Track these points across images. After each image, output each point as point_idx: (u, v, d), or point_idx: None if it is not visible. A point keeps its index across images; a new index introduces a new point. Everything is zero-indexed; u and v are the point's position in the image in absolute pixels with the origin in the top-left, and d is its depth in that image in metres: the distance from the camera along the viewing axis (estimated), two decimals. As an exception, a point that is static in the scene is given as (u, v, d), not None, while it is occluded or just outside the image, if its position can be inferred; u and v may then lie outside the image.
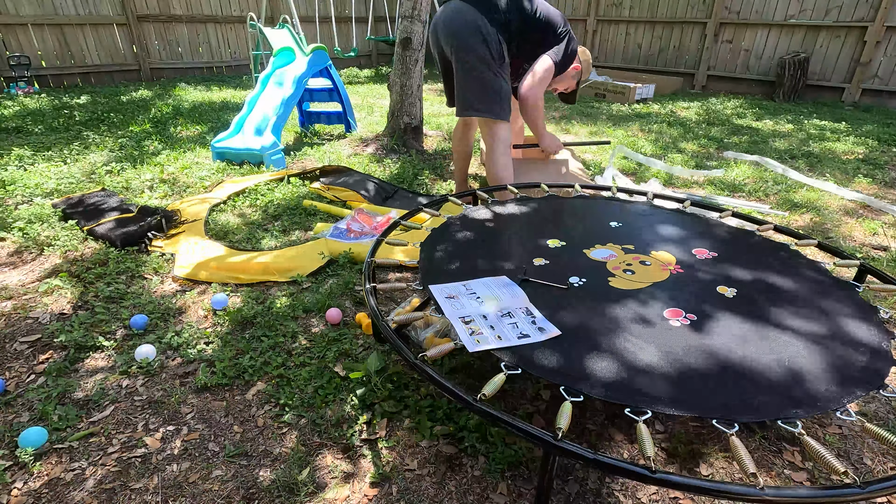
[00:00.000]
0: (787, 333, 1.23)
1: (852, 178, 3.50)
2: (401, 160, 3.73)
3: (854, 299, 1.38)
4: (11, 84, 5.65)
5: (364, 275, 1.47)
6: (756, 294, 1.39)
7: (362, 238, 2.45)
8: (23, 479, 1.25)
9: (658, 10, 7.31)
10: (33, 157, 3.50)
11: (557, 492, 1.24)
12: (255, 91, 3.99)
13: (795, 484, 1.27)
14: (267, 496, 1.21)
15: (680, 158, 3.89)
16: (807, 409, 0.99)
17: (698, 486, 0.86)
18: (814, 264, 1.57)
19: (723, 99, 6.34)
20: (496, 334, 1.20)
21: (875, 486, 0.83)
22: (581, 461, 0.88)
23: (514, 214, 1.93)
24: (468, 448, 1.34)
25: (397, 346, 1.17)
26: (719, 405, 1.00)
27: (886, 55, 5.74)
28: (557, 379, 1.06)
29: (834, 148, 4.22)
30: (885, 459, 1.37)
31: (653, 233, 1.79)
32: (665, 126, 4.90)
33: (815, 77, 6.22)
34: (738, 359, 1.14)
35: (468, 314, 1.28)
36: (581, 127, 4.88)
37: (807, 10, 6.14)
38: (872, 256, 2.44)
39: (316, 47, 4.09)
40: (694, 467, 1.32)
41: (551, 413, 1.45)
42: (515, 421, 0.94)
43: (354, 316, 1.91)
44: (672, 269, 1.52)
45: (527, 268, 1.50)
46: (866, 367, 1.11)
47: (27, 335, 1.77)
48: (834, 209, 2.98)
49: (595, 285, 1.43)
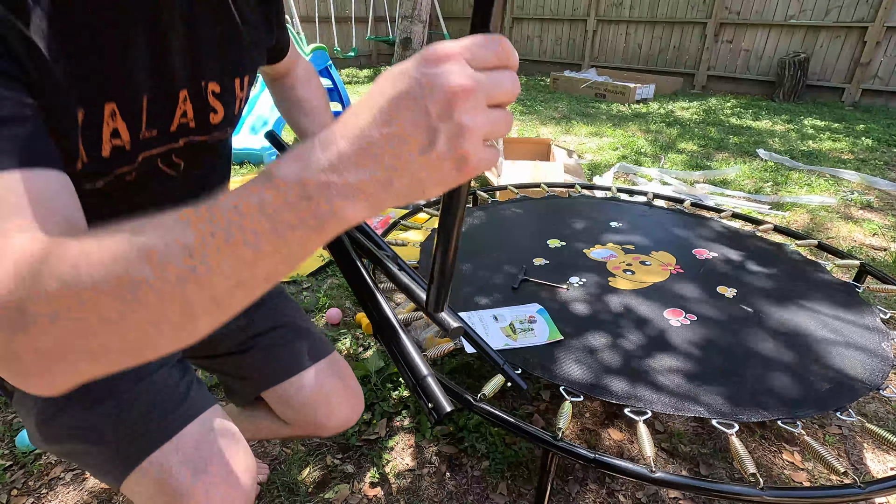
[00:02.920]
0: (787, 333, 1.23)
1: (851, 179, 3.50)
2: (401, 160, 3.72)
3: (854, 299, 1.38)
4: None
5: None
6: (756, 294, 1.39)
7: (362, 238, 2.45)
8: (23, 479, 1.25)
9: (658, 10, 7.31)
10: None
11: (557, 492, 1.24)
12: (254, 91, 3.99)
13: (795, 484, 1.27)
14: (267, 496, 1.21)
15: (679, 158, 3.89)
16: (807, 409, 0.99)
17: (698, 486, 0.86)
18: (814, 264, 1.57)
19: (721, 99, 6.34)
20: (486, 333, 1.20)
21: (875, 486, 0.83)
22: (581, 461, 0.88)
23: (514, 214, 1.93)
24: (468, 448, 1.34)
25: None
26: (719, 405, 1.00)
27: (886, 55, 5.74)
28: (557, 379, 1.06)
29: (833, 148, 4.23)
30: (886, 459, 1.37)
31: (653, 233, 1.79)
32: (664, 126, 4.90)
33: (815, 77, 6.22)
34: (737, 359, 1.14)
35: (471, 317, 1.28)
36: (581, 127, 4.88)
37: (807, 10, 6.14)
38: (872, 256, 2.44)
39: (316, 47, 4.09)
40: (694, 467, 1.32)
41: (551, 413, 1.46)
42: (515, 421, 0.94)
43: (354, 316, 1.91)
44: (672, 269, 1.52)
45: (527, 268, 1.50)
46: (866, 368, 1.11)
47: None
48: (834, 209, 2.98)
49: (595, 285, 1.43)
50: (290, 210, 0.29)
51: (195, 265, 0.29)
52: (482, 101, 0.29)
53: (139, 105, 0.51)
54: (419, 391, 0.50)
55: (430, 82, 0.28)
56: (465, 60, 0.29)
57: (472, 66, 0.29)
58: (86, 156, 0.47)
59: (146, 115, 0.52)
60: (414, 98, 0.28)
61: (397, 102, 0.28)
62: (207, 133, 0.63)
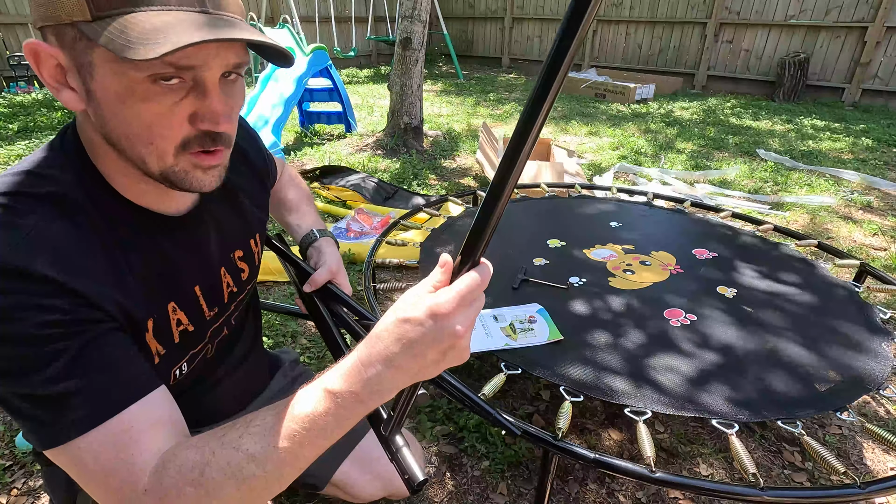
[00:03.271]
0: (787, 333, 1.23)
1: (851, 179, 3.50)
2: (401, 160, 3.73)
3: (854, 299, 1.38)
4: (11, 84, 5.65)
5: (364, 275, 1.47)
6: (756, 294, 1.39)
7: (362, 238, 2.45)
8: (22, 479, 1.25)
9: (658, 10, 7.31)
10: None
11: (557, 492, 1.24)
12: (254, 91, 3.99)
13: (795, 484, 1.27)
14: (267, 496, 1.21)
15: (679, 158, 3.90)
16: (807, 409, 0.99)
17: (698, 486, 0.86)
18: (814, 264, 1.57)
19: (721, 99, 6.34)
20: (486, 333, 1.20)
21: (875, 486, 0.83)
22: (581, 461, 0.88)
23: (514, 214, 1.93)
24: (468, 448, 1.34)
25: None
26: (719, 405, 1.00)
27: (886, 55, 5.74)
28: (557, 379, 1.06)
29: (833, 148, 4.23)
30: (886, 459, 1.37)
31: (653, 233, 1.79)
32: (664, 126, 4.90)
33: (815, 77, 6.22)
34: (737, 359, 1.14)
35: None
36: (581, 127, 4.88)
37: (807, 10, 6.14)
38: (872, 257, 2.44)
39: (316, 47, 4.08)
40: (694, 467, 1.32)
41: (551, 413, 1.45)
42: (515, 421, 0.94)
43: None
44: (672, 269, 1.52)
45: (526, 268, 1.50)
46: (866, 368, 1.11)
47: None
48: (834, 209, 2.98)
49: (595, 285, 1.43)
50: (349, 410, 0.46)
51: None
52: (472, 324, 0.44)
53: (195, 295, 0.66)
54: (396, 463, 0.57)
55: (440, 334, 0.43)
56: (463, 308, 0.43)
57: (466, 302, 0.43)
58: (161, 348, 0.61)
59: (204, 300, 0.67)
60: (431, 340, 0.43)
61: (419, 343, 0.43)
62: (244, 290, 0.78)
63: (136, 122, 0.50)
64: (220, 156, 0.56)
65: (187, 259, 0.65)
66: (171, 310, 0.62)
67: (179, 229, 0.64)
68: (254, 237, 0.79)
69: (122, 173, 0.57)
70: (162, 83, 0.48)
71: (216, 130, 0.53)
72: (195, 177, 0.55)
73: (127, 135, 0.51)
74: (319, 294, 0.88)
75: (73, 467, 0.48)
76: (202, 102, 0.51)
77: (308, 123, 4.61)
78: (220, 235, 0.71)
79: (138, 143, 0.52)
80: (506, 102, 6.07)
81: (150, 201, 0.60)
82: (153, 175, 0.54)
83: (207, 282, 0.68)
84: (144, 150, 0.52)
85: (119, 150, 0.53)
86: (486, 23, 9.39)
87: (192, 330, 0.66)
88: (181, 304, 0.64)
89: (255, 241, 0.80)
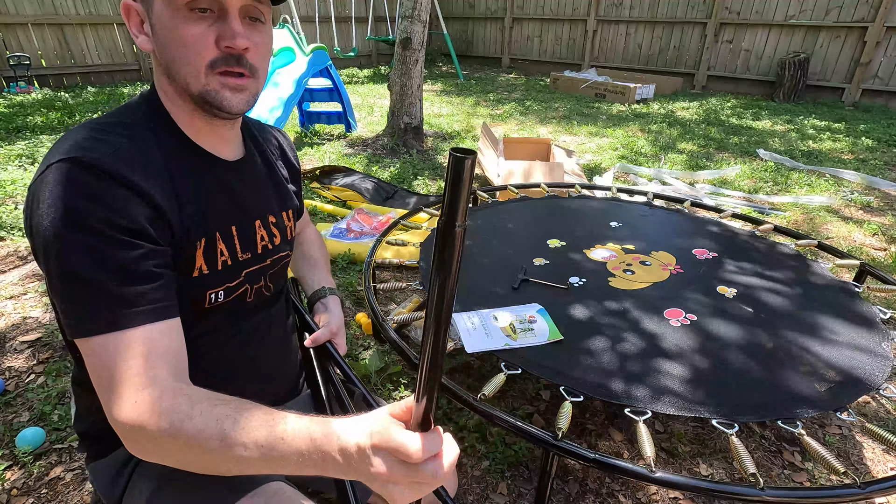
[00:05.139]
0: (787, 333, 1.23)
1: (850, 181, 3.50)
2: (401, 160, 3.73)
3: (854, 299, 1.38)
4: (11, 84, 5.65)
5: (364, 275, 1.47)
6: (756, 294, 1.39)
7: (362, 238, 2.45)
8: (23, 479, 1.25)
9: (658, 10, 7.31)
10: (32, 156, 3.49)
11: (557, 492, 1.24)
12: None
13: (795, 484, 1.27)
14: (267, 496, 1.21)
15: (679, 158, 3.90)
16: (807, 409, 0.99)
17: (698, 486, 0.86)
18: (814, 264, 1.57)
19: (721, 99, 6.34)
20: (486, 333, 1.20)
21: (875, 486, 0.83)
22: (581, 461, 0.88)
23: (514, 214, 1.93)
24: (468, 448, 1.34)
25: (398, 346, 1.17)
26: (719, 405, 1.00)
27: (886, 55, 5.74)
28: (557, 379, 1.06)
29: (833, 148, 4.23)
30: (886, 459, 1.37)
31: (653, 233, 1.79)
32: (664, 126, 4.90)
33: (815, 77, 6.22)
34: (737, 359, 1.14)
35: (471, 315, 1.28)
36: (581, 127, 4.88)
37: (807, 10, 6.14)
38: (872, 257, 2.44)
39: (316, 47, 4.08)
40: (694, 467, 1.32)
41: (551, 413, 1.45)
42: (515, 421, 0.94)
43: (354, 316, 1.91)
44: (672, 269, 1.52)
45: (526, 268, 1.50)
46: (866, 368, 1.11)
47: (27, 335, 1.77)
48: (834, 209, 2.98)
49: (595, 285, 1.43)
50: (311, 466, 0.50)
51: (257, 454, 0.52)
52: (396, 476, 0.46)
53: (232, 233, 0.74)
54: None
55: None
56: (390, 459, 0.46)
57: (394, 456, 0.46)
58: (205, 267, 0.69)
59: (238, 241, 0.74)
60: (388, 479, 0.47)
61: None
62: (277, 253, 0.83)
63: (179, 43, 0.63)
64: (244, 80, 0.66)
65: (229, 201, 0.73)
66: (217, 238, 0.70)
67: (227, 172, 0.74)
68: (286, 211, 0.86)
69: (182, 109, 0.69)
70: (197, 11, 0.62)
71: (236, 49, 0.64)
72: (224, 96, 0.66)
73: (174, 57, 0.64)
74: (317, 350, 0.93)
75: (87, 359, 0.58)
76: (224, 26, 0.63)
77: (308, 123, 4.61)
78: (257, 195, 0.79)
79: (182, 64, 0.64)
80: (506, 102, 6.07)
81: (205, 141, 0.72)
82: (195, 97, 0.66)
83: (243, 226, 0.75)
84: (185, 70, 0.64)
85: (171, 76, 0.66)
86: (485, 23, 9.39)
87: (230, 264, 0.73)
88: (223, 236, 0.72)
89: (287, 216, 0.86)
